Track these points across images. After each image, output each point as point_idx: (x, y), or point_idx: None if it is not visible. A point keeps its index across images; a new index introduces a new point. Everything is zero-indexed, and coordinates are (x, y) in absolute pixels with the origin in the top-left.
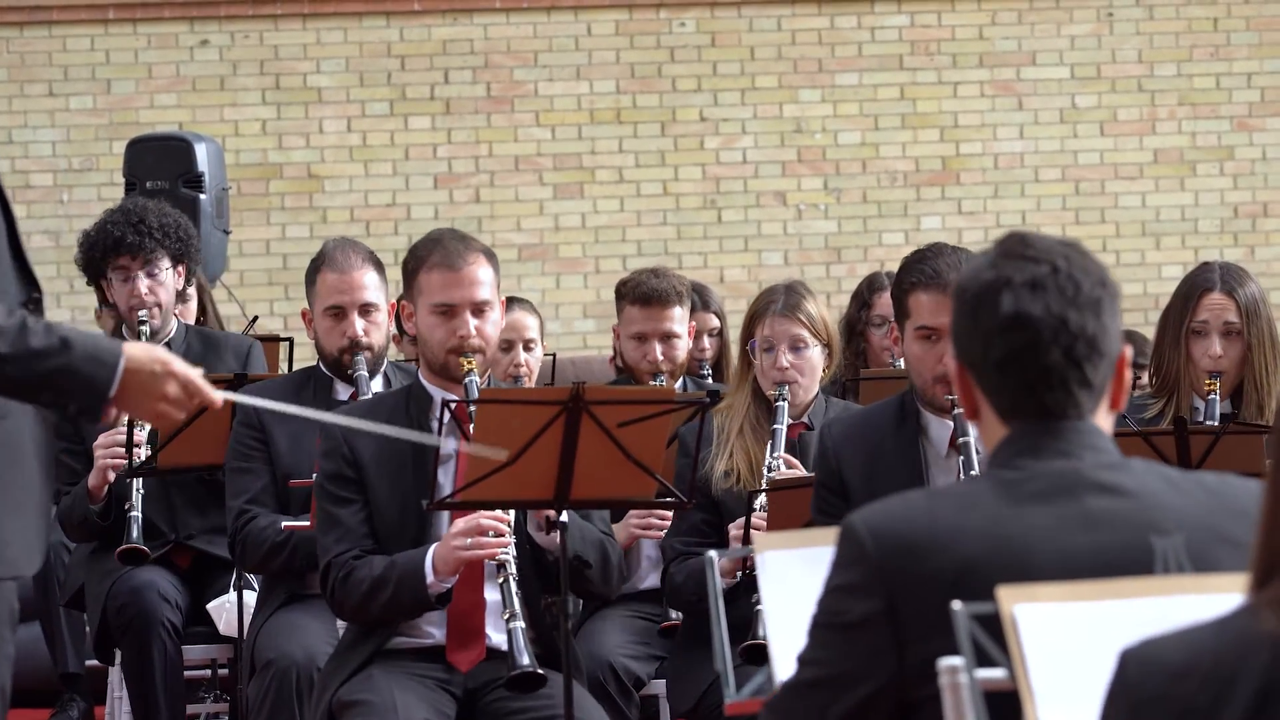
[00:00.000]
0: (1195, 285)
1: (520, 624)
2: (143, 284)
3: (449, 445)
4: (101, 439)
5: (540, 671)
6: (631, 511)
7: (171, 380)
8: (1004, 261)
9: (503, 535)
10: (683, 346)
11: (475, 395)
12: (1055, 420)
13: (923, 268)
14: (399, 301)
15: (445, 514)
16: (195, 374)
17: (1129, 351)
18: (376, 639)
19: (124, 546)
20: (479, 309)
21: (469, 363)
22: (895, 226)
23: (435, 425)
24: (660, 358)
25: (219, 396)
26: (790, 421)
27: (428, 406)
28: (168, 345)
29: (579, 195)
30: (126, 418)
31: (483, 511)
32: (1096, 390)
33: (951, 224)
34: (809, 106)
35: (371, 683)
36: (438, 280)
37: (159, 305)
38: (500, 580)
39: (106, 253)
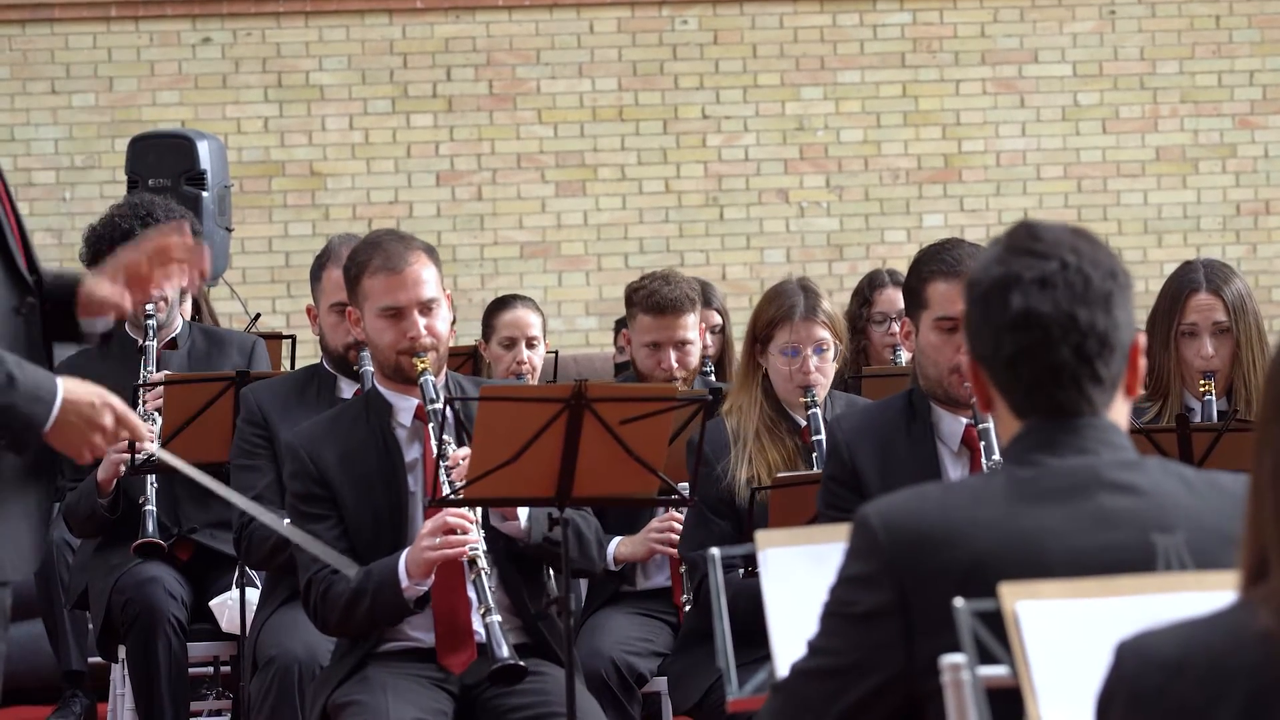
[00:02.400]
0: (1181, 287)
1: (496, 618)
2: None
3: (415, 450)
4: None
5: (521, 664)
6: (650, 525)
7: (108, 411)
8: (1012, 257)
9: (468, 532)
10: (695, 352)
11: (433, 394)
12: (1069, 418)
13: (943, 257)
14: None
15: (420, 520)
16: (128, 410)
17: (1142, 339)
18: (371, 643)
19: (141, 541)
20: (426, 308)
21: (422, 362)
22: (897, 224)
23: (399, 430)
24: (675, 365)
25: (148, 436)
26: (803, 424)
27: (387, 412)
28: (174, 342)
29: (581, 193)
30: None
31: (447, 510)
32: (1109, 384)
33: (954, 221)
34: (811, 104)
35: (365, 684)
36: (381, 284)
37: (164, 300)
38: (471, 578)
39: (114, 245)
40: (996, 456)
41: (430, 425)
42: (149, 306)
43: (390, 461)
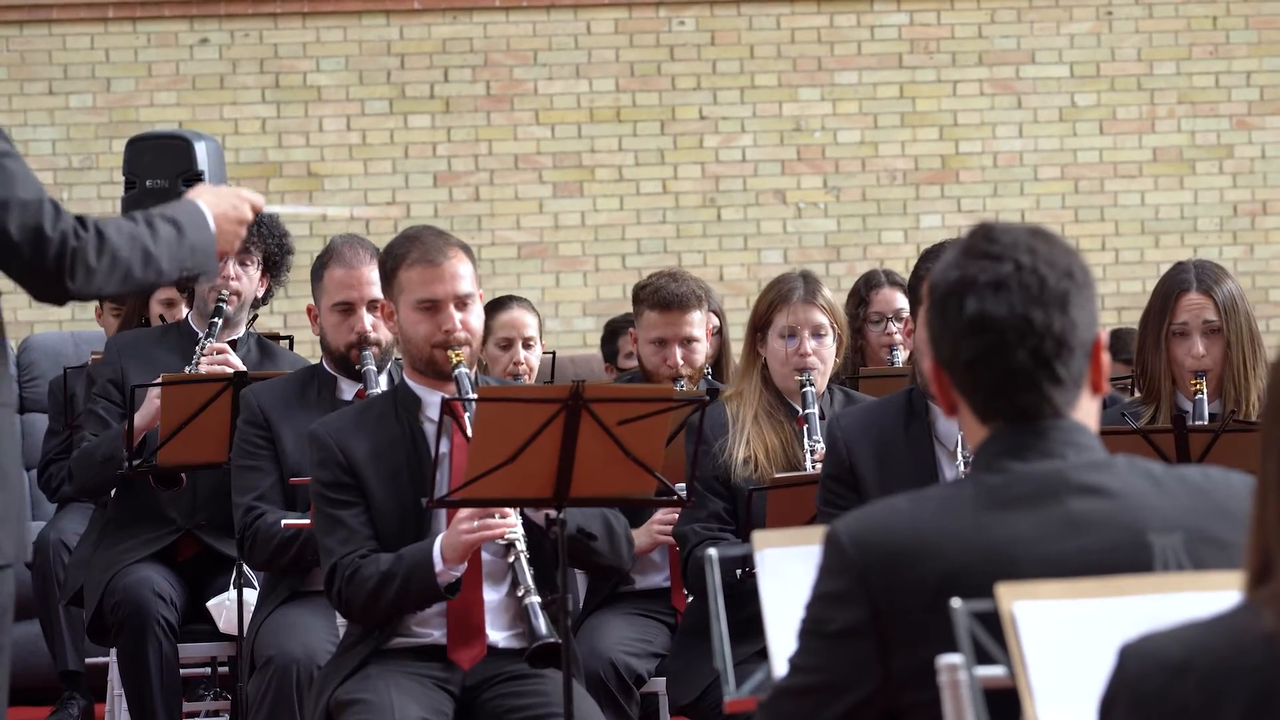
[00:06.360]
0: (1172, 287)
1: (535, 599)
2: (232, 268)
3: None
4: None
5: (561, 643)
6: (654, 517)
7: (244, 202)
8: (968, 260)
9: (508, 516)
10: (701, 350)
11: (468, 386)
12: (1033, 421)
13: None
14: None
15: (444, 515)
16: (248, 194)
17: (1104, 335)
18: (376, 639)
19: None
20: (462, 302)
21: (457, 355)
22: (894, 225)
23: (428, 425)
24: (680, 362)
25: (262, 202)
26: (802, 412)
27: (416, 406)
28: (233, 344)
29: (578, 193)
30: (129, 419)
31: None
32: (1070, 385)
33: (951, 222)
34: (808, 105)
35: (368, 682)
36: (419, 276)
37: (238, 295)
38: (511, 559)
39: None
40: (967, 450)
41: (465, 415)
42: (224, 293)
43: (419, 456)
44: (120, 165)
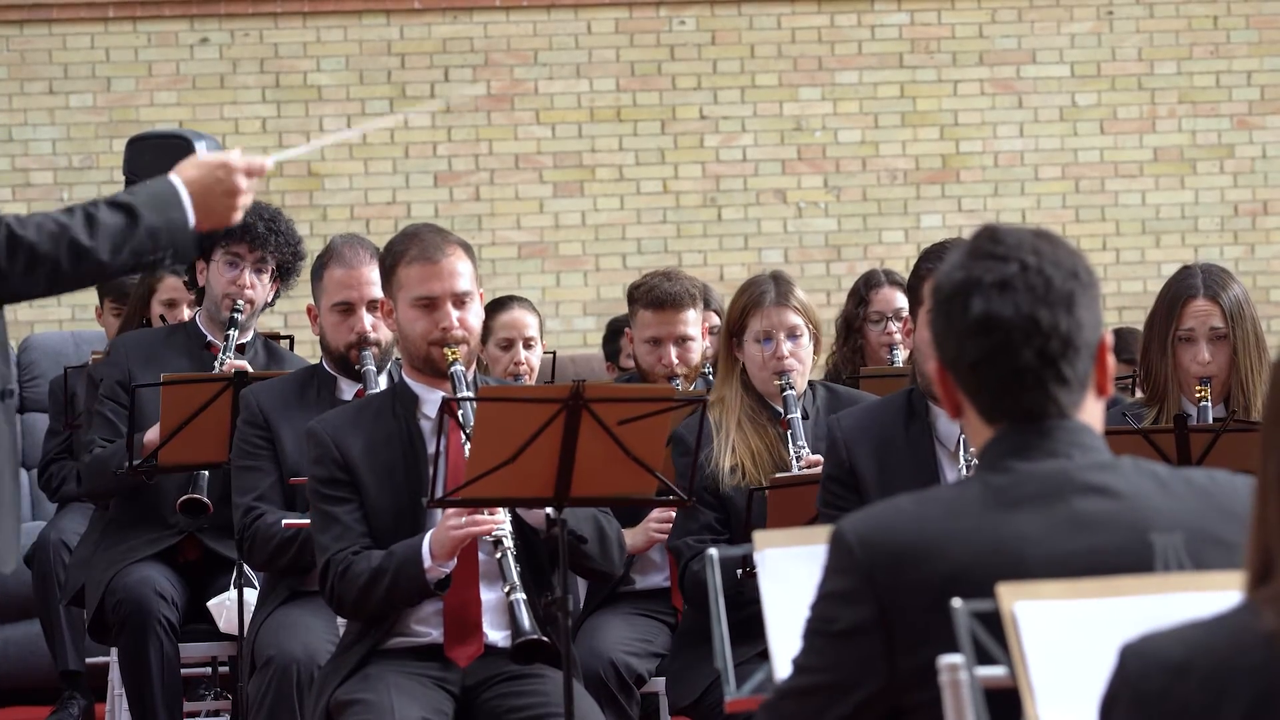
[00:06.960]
0: (1179, 293)
1: (520, 595)
2: (248, 275)
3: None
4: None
5: (545, 639)
6: (650, 515)
7: (234, 172)
8: (973, 261)
9: (496, 513)
10: (697, 349)
11: (463, 385)
12: (1038, 421)
13: (942, 255)
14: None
15: (439, 512)
16: (242, 156)
17: (1109, 336)
18: (374, 639)
19: (187, 497)
20: (460, 300)
21: (453, 353)
22: (895, 224)
23: (425, 423)
24: (675, 361)
25: (270, 165)
26: (785, 415)
27: (413, 404)
28: (241, 348)
29: (579, 193)
30: (131, 423)
31: None
32: (1076, 385)
33: (952, 222)
34: (809, 104)
35: (368, 682)
36: (417, 273)
37: (250, 303)
38: (498, 556)
39: (228, 234)
40: (969, 451)
41: (460, 414)
42: (239, 302)
43: (415, 454)
44: (120, 165)
